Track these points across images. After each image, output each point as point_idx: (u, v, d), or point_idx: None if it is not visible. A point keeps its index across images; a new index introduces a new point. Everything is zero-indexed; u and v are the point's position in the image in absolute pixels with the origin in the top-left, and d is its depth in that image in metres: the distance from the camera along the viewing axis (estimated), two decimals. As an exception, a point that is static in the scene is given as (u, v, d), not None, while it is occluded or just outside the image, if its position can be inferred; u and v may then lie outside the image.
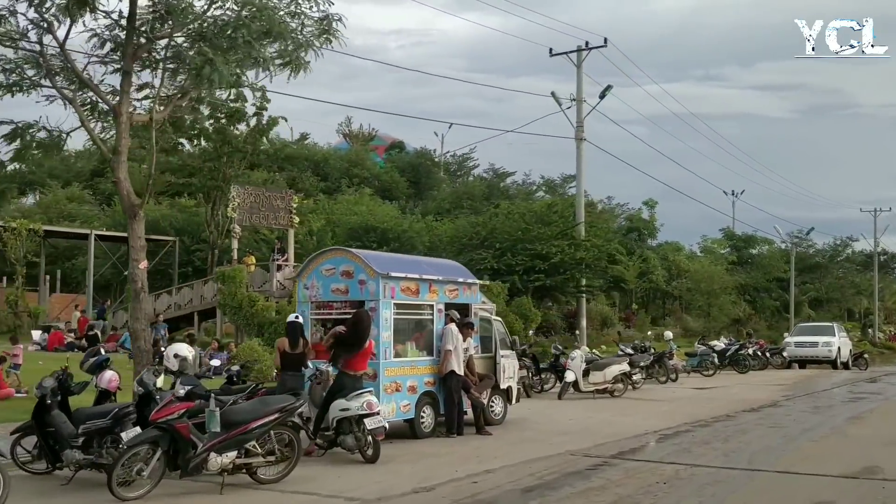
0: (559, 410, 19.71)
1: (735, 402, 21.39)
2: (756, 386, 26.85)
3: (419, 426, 15.04)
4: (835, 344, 37.65)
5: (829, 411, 19.44)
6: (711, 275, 55.78)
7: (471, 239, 36.86)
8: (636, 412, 19.41)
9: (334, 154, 67.91)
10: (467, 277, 16.74)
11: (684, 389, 25.63)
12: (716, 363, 31.36)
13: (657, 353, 28.56)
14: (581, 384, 22.70)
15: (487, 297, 32.52)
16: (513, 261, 34.99)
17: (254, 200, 32.23)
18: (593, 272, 37.58)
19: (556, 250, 35.11)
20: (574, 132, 37.80)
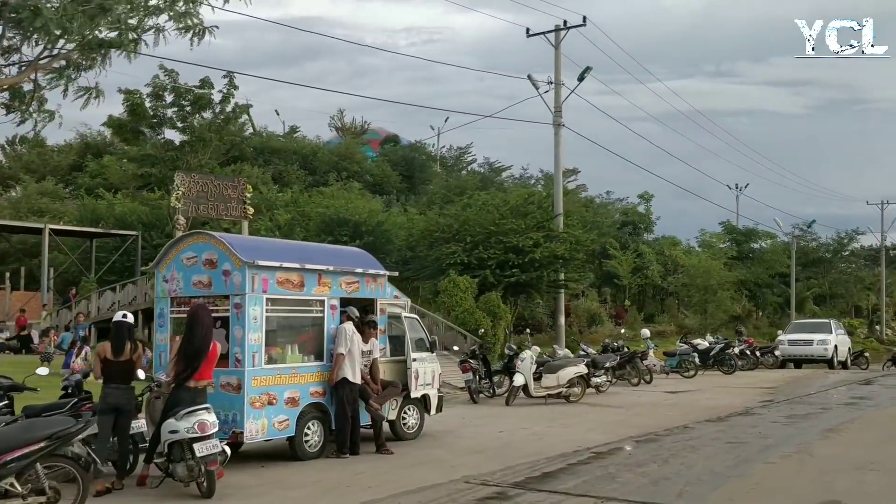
0: (494, 421, 17.14)
1: (701, 410, 18.78)
2: (736, 389, 24.21)
3: (301, 445, 12.52)
4: (831, 342, 34.91)
5: (803, 422, 16.78)
6: (708, 270, 52.92)
7: (442, 232, 34.28)
8: (582, 422, 16.83)
9: (323, 147, 65.42)
10: (371, 267, 14.18)
11: (654, 393, 23.02)
12: (696, 363, 28.70)
13: (628, 352, 25.95)
14: (531, 389, 20.13)
15: (452, 292, 30.07)
16: (485, 254, 32.36)
17: (201, 189, 29.74)
18: (571, 266, 34.83)
19: (531, 243, 32.46)
20: (552, 118, 35.20)
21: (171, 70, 39.36)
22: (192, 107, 39.89)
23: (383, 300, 14.30)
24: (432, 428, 15.51)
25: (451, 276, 30.49)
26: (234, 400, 11.76)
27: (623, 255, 53.94)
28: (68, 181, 57.17)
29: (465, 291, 30.31)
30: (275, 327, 12.52)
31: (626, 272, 53.89)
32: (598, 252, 56.10)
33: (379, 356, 13.84)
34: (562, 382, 20.41)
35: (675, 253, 55.94)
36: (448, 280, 30.35)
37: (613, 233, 57.78)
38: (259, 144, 64.33)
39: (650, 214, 62.04)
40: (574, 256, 34.31)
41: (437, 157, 77.67)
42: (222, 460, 10.13)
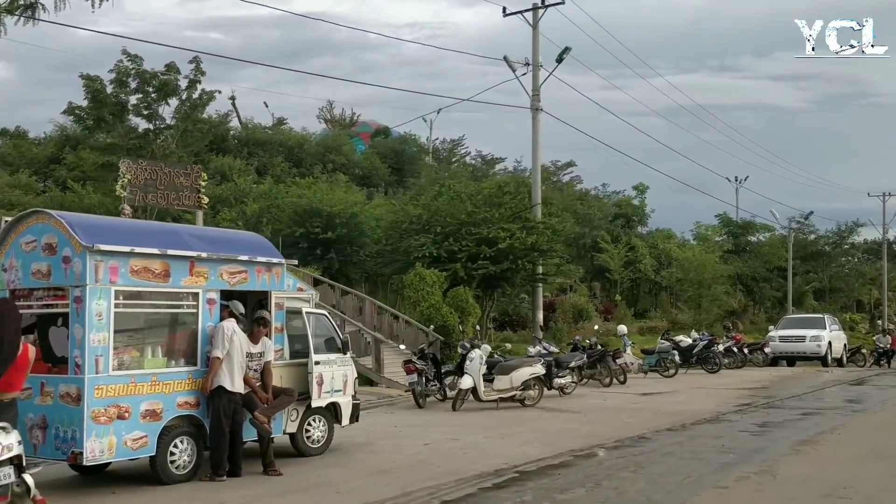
0: (427, 430, 15.00)
1: (667, 416, 16.62)
2: (715, 390, 22.04)
3: (165, 467, 10.39)
4: (824, 338, 32.67)
5: (777, 431, 14.60)
6: (703, 263, 50.63)
7: (411, 223, 32.14)
8: (525, 432, 14.68)
9: (309, 139, 63.32)
10: (263, 254, 12.00)
11: (623, 396, 20.85)
12: (677, 362, 26.52)
13: (598, 350, 23.79)
14: (481, 392, 17.99)
15: (418, 286, 27.95)
16: (455, 247, 30.18)
17: (149, 177, 27.52)
18: (549, 258, 32.60)
19: (504, 234, 30.27)
20: (530, 101, 33.04)
21: (135, 55, 37.29)
22: (157, 93, 37.73)
23: (280, 293, 12.14)
24: (352, 440, 13.44)
25: (418, 269, 28.34)
26: (73, 413, 9.67)
27: (614, 248, 51.76)
28: (45, 174, 55.19)
29: (433, 286, 28.16)
30: (130, 326, 10.42)
31: (618, 266, 51.71)
32: (590, 245, 54.04)
33: (274, 359, 11.73)
34: (515, 385, 18.27)
35: (668, 246, 53.68)
36: (414, 273, 28.22)
37: (605, 225, 55.59)
38: (245, 136, 62.48)
39: (644, 206, 59.79)
40: (551, 248, 32.05)
41: (430, 149, 75.61)
42: (20, 492, 8.00)
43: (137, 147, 37.52)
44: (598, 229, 54.56)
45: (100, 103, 37.78)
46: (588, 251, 54.42)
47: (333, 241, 36.30)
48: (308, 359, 12.21)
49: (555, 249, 32.59)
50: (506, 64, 32.82)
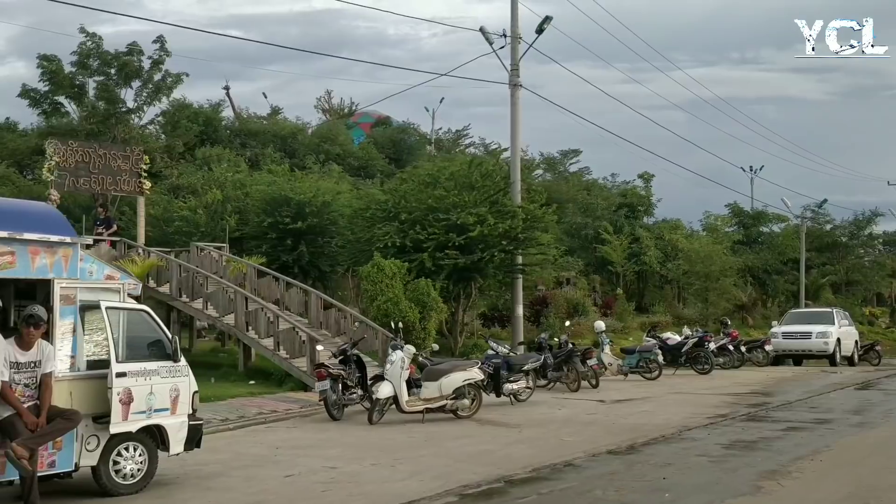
0: (307, 453, 11.95)
1: (619, 432, 13.48)
2: (696, 396, 18.83)
3: None
4: (832, 334, 29.25)
5: (744, 455, 11.41)
6: (709, 254, 47.16)
7: (375, 210, 29.09)
8: (426, 457, 11.59)
9: (303, 129, 60.46)
10: (39, 231, 8.95)
11: (583, 403, 17.71)
12: (660, 362, 23.28)
13: (564, 350, 20.61)
14: (403, 401, 14.90)
15: (376, 278, 24.85)
16: (422, 235, 27.06)
17: (81, 159, 24.71)
18: (527, 247, 29.34)
19: (474, 220, 27.11)
20: (508, 76, 29.85)
21: (93, 34, 34.51)
22: (118, 74, 34.90)
23: (70, 281, 9.12)
24: (201, 469, 10.49)
25: (376, 259, 25.26)
26: None
27: (616, 239, 48.44)
28: (30, 166, 52.75)
29: (393, 277, 25.04)
30: None
31: (620, 258, 48.39)
32: (592, 237, 50.83)
33: (59, 370, 8.74)
34: (446, 392, 15.18)
35: (674, 237, 50.21)
36: (371, 264, 25.13)
37: (609, 216, 52.25)
38: (237, 127, 59.90)
39: (650, 195, 56.36)
40: (529, 236, 28.83)
41: (432, 139, 72.68)
42: None
43: (97, 132, 34.67)
44: (601, 220, 51.28)
45: (57, 85, 35.05)
46: (590, 242, 51.17)
47: (304, 231, 33.40)
48: (109, 370, 9.17)
49: (533, 238, 29.25)
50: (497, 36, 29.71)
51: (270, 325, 20.40)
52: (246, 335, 20.78)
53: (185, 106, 56.98)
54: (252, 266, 24.45)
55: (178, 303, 22.27)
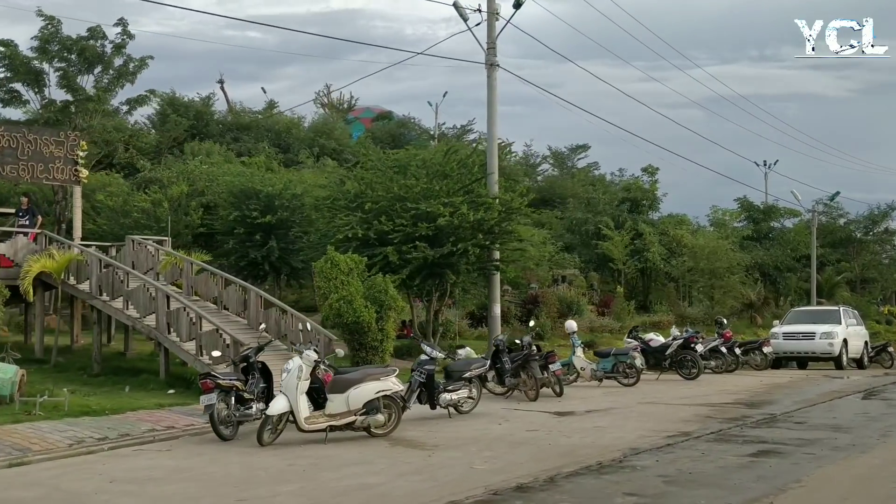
0: (143, 488, 9.41)
1: (549, 457, 10.89)
2: (667, 408, 16.16)
3: None
4: (838, 334, 26.40)
5: (684, 493, 8.76)
6: (715, 250, 44.31)
7: (336, 199, 26.63)
8: (276, 497, 9.02)
9: (298, 123, 58.13)
10: None
11: (532, 416, 15.12)
12: (638, 367, 20.57)
13: (521, 354, 17.96)
14: (301, 418, 12.33)
15: (330, 274, 22.35)
16: (387, 226, 24.54)
17: (7, 145, 22.36)
18: (503, 240, 26.69)
19: (445, 210, 24.55)
20: (484, 56, 27.25)
21: (51, 17, 32.21)
22: (79, 59, 32.56)
23: None
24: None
25: (329, 252, 22.75)
26: None
27: (617, 234, 45.68)
28: None
29: (349, 273, 22.52)
30: None
31: (621, 254, 45.64)
32: (592, 233, 48.13)
33: None
34: (354, 407, 12.59)
35: (679, 233, 47.36)
36: (325, 259, 22.61)
37: (611, 211, 49.48)
38: (230, 121, 57.77)
39: (655, 189, 53.45)
40: (506, 228, 26.21)
41: (435, 133, 70.19)
42: None
43: (57, 121, 32.34)
44: (602, 215, 48.53)
45: (14, 72, 32.76)
46: (591, 239, 48.47)
47: (274, 226, 31.02)
48: None
49: (510, 231, 26.60)
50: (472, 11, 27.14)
51: (193, 327, 17.91)
52: (167, 338, 18.31)
53: (174, 99, 55.02)
54: (189, 261, 21.93)
55: (98, 302, 19.83)
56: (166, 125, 53.51)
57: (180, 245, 30.34)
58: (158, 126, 54.59)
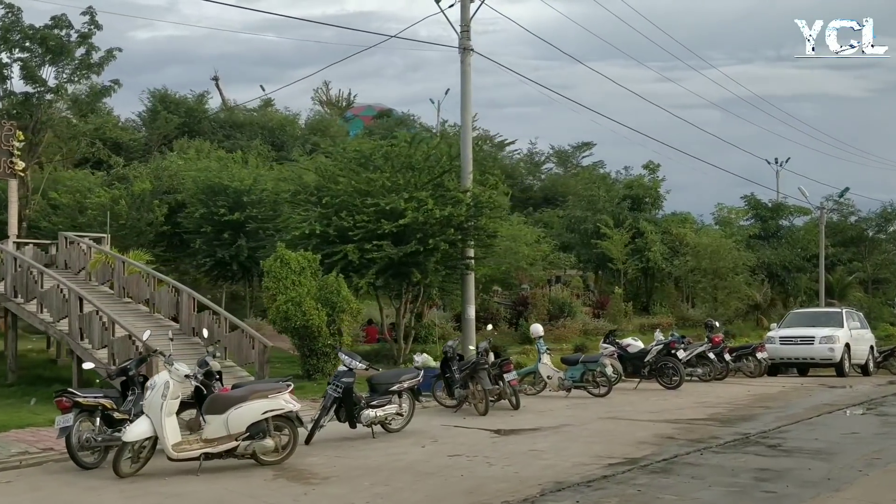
0: None
1: (448, 495, 8.73)
2: (627, 425, 13.96)
3: None
4: (839, 339, 24.01)
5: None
6: (717, 249, 41.90)
7: (297, 193, 24.62)
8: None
9: (293, 120, 56.27)
10: None
11: (473, 433, 13.07)
12: (609, 375, 18.36)
13: (469, 363, 15.81)
14: (167, 444, 10.21)
15: (280, 274, 20.35)
16: (347, 222, 22.46)
17: (-71, 136, 20.48)
18: (475, 236, 24.47)
19: (410, 206, 22.46)
20: (458, 40, 25.11)
21: (10, 4, 30.37)
22: (41, 49, 30.68)
23: None
24: None
25: (279, 250, 20.72)
26: None
27: (616, 233, 43.36)
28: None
29: (301, 273, 20.54)
30: None
31: (621, 254, 43.31)
32: (591, 231, 45.82)
33: None
34: (236, 431, 10.48)
35: (682, 231, 44.94)
36: (274, 257, 20.60)
37: (611, 209, 47.11)
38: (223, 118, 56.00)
39: (658, 187, 51.03)
40: (475, 224, 24.01)
41: (437, 131, 68.07)
42: None
43: (17, 115, 30.45)
44: (602, 213, 46.18)
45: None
46: (590, 237, 46.17)
47: (243, 223, 29.04)
48: None
49: (482, 226, 24.38)
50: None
51: (105, 333, 15.88)
52: (79, 345, 16.28)
53: (166, 96, 53.21)
54: (121, 260, 19.92)
55: (13, 305, 17.85)
56: (156, 122, 51.78)
57: (142, 244, 28.47)
58: (149, 123, 52.88)
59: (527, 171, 68.09)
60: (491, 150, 58.05)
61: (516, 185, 62.30)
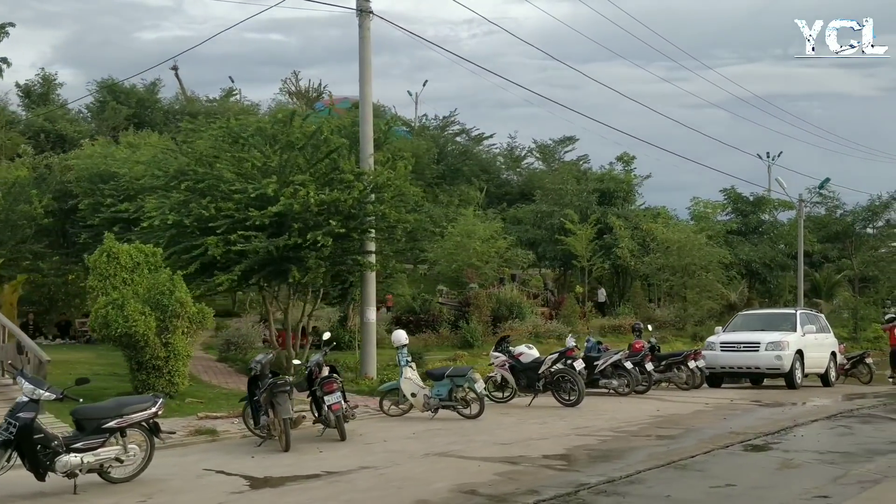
0: None
1: None
2: (454, 462, 10.44)
3: None
4: (789, 345, 20.20)
5: None
6: (685, 244, 38.18)
7: (157, 177, 21.13)
8: None
9: (252, 111, 52.86)
10: None
11: (230, 482, 9.46)
12: (479, 393, 14.71)
13: (267, 383, 12.19)
14: None
15: (105, 271, 16.80)
16: (209, 211, 18.93)
17: None
18: (362, 227, 20.76)
19: (287, 191, 18.90)
20: (355, 1, 21.66)
21: None
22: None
23: None
24: None
25: (107, 242, 17.20)
26: None
27: (580, 228, 39.70)
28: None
29: (134, 270, 17.01)
30: None
31: (585, 250, 39.65)
32: (557, 227, 42.24)
33: None
34: None
35: (653, 226, 41.23)
36: (100, 251, 17.06)
37: (578, 203, 43.45)
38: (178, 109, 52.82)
39: (630, 180, 47.34)
40: (366, 213, 20.40)
41: (415, 125, 64.64)
42: None
43: None
44: (568, 207, 42.56)
45: None
46: (556, 233, 42.57)
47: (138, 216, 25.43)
48: None
49: (382, 214, 20.64)
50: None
51: None
52: None
53: (115, 86, 49.96)
54: None
55: None
56: (104, 113, 48.66)
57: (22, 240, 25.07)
58: (96, 114, 49.76)
59: (506, 165, 64.52)
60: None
61: (492, 180, 58.78)
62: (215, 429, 13.69)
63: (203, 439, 13.16)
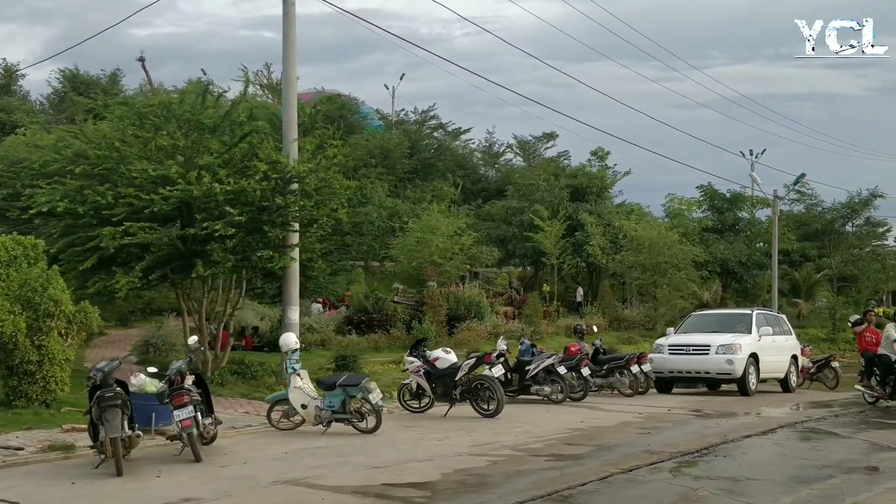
0: None
1: None
2: (297, 493, 8.53)
3: None
4: (741, 349, 18.39)
5: None
6: (656, 242, 36.38)
7: (50, 162, 19.30)
8: None
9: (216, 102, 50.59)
10: None
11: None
12: (375, 405, 12.80)
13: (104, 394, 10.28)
14: None
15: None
16: (106, 199, 17.04)
17: None
18: (280, 218, 18.83)
19: (191, 175, 17.05)
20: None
21: None
22: None
23: None
24: None
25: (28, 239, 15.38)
26: None
27: (548, 224, 37.89)
28: None
29: (9, 265, 15.21)
30: None
31: (554, 247, 37.83)
32: (527, 223, 40.47)
33: None
34: None
35: (625, 223, 39.42)
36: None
37: (548, 199, 41.63)
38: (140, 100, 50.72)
39: (604, 176, 45.49)
40: (295, 201, 18.43)
41: (392, 118, 62.81)
42: None
43: None
44: (538, 203, 40.75)
45: None
46: (525, 230, 40.77)
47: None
48: None
49: (298, 205, 18.74)
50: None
51: None
52: None
53: (76, 76, 48.16)
54: None
55: None
56: (63, 104, 46.81)
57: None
58: (56, 105, 47.93)
59: (484, 161, 62.69)
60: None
61: (468, 175, 56.94)
62: (74, 444, 11.87)
63: (54, 456, 11.38)
